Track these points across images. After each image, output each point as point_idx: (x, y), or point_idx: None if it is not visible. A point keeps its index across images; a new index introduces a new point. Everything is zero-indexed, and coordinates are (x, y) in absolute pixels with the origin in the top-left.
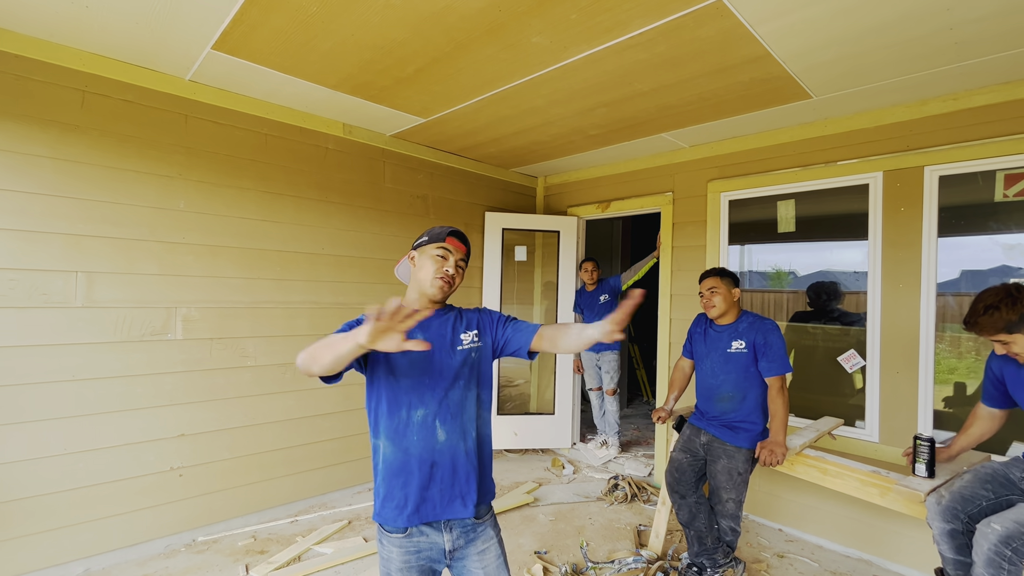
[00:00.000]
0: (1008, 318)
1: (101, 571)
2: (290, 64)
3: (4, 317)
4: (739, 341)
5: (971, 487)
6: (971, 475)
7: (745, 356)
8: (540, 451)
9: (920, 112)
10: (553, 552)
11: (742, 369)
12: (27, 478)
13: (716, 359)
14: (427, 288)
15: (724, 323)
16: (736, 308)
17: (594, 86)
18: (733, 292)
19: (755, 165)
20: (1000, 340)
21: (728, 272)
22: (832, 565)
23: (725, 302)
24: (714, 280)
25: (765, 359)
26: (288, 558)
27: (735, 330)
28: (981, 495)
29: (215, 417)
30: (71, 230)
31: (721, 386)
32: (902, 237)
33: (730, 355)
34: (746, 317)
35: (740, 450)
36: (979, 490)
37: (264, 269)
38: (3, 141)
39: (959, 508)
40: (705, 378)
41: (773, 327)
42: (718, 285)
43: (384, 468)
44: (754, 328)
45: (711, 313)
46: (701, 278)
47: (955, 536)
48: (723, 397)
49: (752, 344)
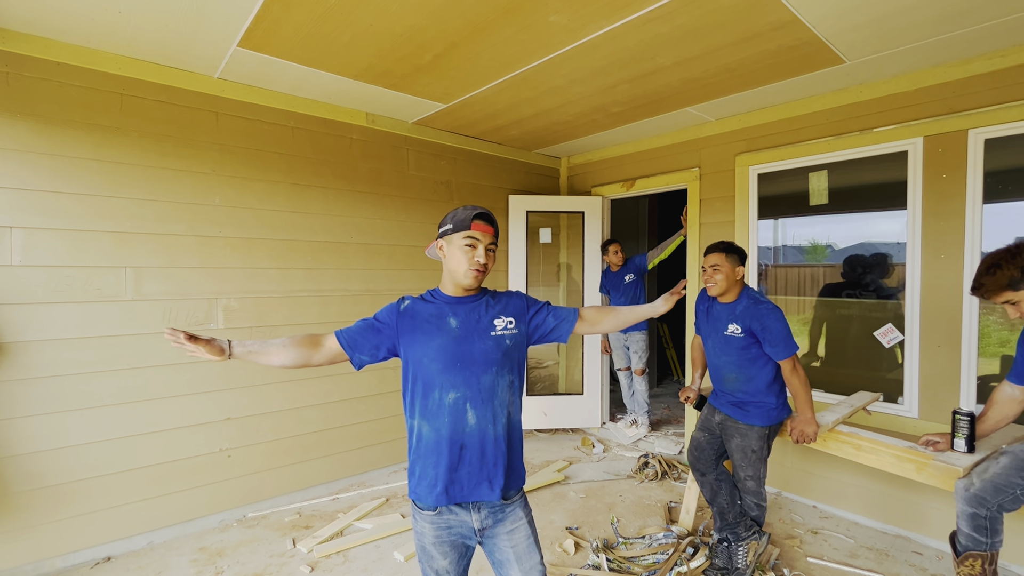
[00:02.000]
0: (1010, 274)
1: (163, 544)
2: (312, 57)
3: (64, 311)
4: (735, 325)
5: (1005, 475)
6: (1008, 460)
7: (742, 340)
8: (570, 431)
9: (964, 72)
10: (584, 528)
11: (741, 352)
12: (92, 459)
13: (717, 340)
14: (461, 279)
15: (725, 301)
16: (738, 286)
17: (615, 63)
18: (737, 270)
19: (785, 136)
20: (1009, 301)
21: (735, 248)
22: (868, 541)
23: (727, 280)
24: (718, 256)
25: (768, 345)
26: (331, 533)
27: (732, 312)
28: (1015, 484)
29: (257, 402)
30: (118, 228)
31: (724, 367)
32: (944, 205)
33: (728, 338)
34: (744, 298)
35: (752, 428)
36: (1014, 478)
37: (296, 259)
38: (53, 146)
39: (988, 498)
40: (711, 357)
41: (770, 310)
42: (721, 263)
43: (418, 447)
44: (749, 313)
45: (711, 291)
46: (705, 252)
47: (976, 519)
48: (728, 377)
49: (749, 330)
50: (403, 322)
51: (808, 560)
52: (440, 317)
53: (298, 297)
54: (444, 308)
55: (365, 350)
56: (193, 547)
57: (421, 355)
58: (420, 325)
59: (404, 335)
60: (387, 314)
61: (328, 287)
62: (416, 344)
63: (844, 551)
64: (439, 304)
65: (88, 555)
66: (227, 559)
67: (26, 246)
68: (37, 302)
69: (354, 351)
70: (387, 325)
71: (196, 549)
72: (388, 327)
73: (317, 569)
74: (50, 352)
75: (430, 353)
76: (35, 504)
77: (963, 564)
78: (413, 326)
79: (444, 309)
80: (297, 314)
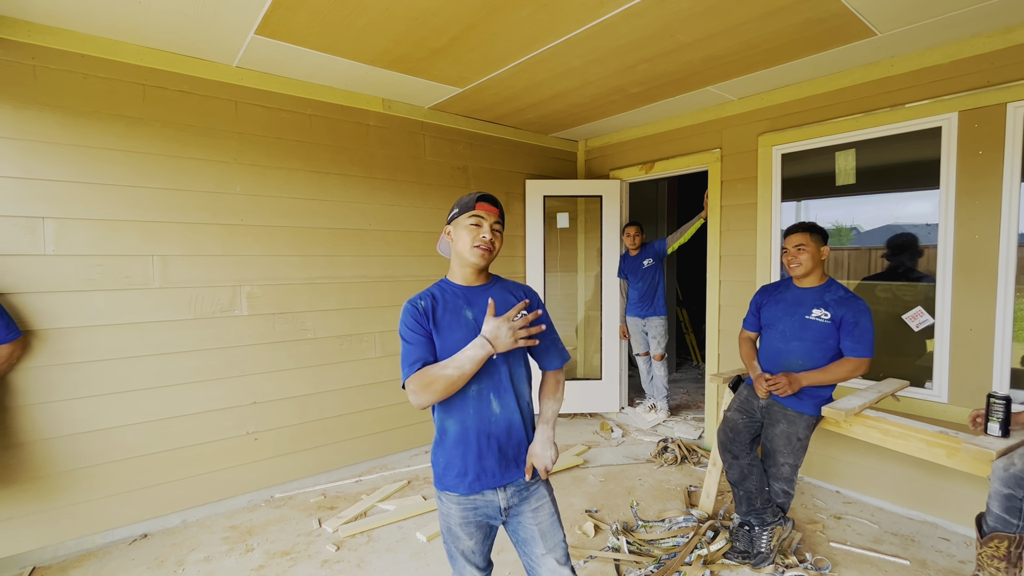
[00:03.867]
0: None
1: (196, 522)
2: (329, 43)
3: (96, 299)
4: (823, 311)
5: None
6: None
7: (826, 328)
8: (588, 415)
9: (1004, 42)
10: (604, 511)
11: (819, 339)
12: (127, 441)
13: (791, 323)
14: (468, 258)
15: (807, 285)
16: (821, 269)
17: (634, 42)
18: (822, 250)
19: (810, 115)
20: None
21: (818, 228)
22: (893, 527)
23: (812, 260)
24: (803, 236)
25: (851, 339)
26: (355, 513)
27: (820, 298)
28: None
29: (282, 386)
30: (144, 217)
31: (794, 352)
32: (979, 183)
33: (808, 322)
34: (835, 287)
35: (802, 416)
36: None
37: (316, 246)
38: (79, 137)
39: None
40: (773, 342)
41: (867, 309)
42: (807, 242)
43: (445, 439)
44: (845, 304)
45: (796, 272)
46: (786, 233)
47: (1011, 500)
48: (794, 363)
49: (839, 319)
50: (429, 320)
51: (831, 545)
52: (456, 309)
53: (319, 283)
54: (458, 299)
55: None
56: (224, 525)
57: (442, 349)
58: (440, 319)
59: (432, 330)
60: (414, 321)
61: (347, 274)
62: (439, 338)
63: (868, 536)
64: (451, 295)
65: (126, 532)
66: (257, 537)
67: (58, 236)
68: (70, 290)
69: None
70: (424, 328)
71: (227, 527)
72: (425, 329)
73: (343, 548)
74: (84, 338)
75: (449, 346)
76: (75, 484)
77: (987, 545)
78: (436, 321)
79: (458, 301)
80: (318, 301)
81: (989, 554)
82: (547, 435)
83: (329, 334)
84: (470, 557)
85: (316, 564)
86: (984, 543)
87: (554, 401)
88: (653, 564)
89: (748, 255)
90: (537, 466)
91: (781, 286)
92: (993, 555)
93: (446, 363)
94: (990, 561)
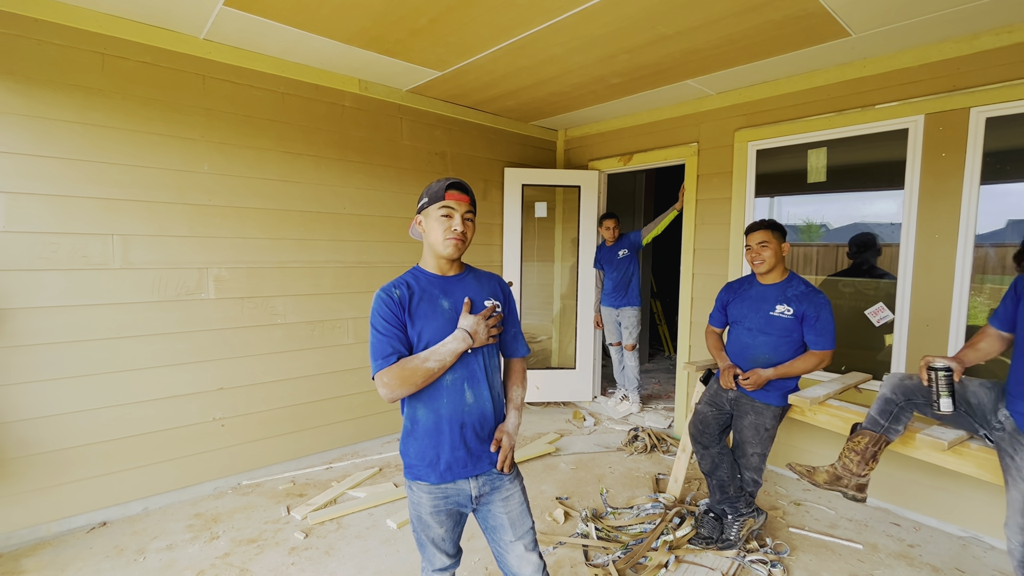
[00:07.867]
0: None
1: (158, 510)
2: (303, 19)
3: (51, 279)
4: (786, 306)
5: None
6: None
7: (790, 323)
8: (562, 404)
9: (970, 48)
10: (574, 498)
11: (784, 333)
12: (85, 427)
13: (756, 319)
14: (441, 250)
15: (769, 281)
16: (783, 265)
17: (615, 31)
18: (784, 246)
19: (785, 112)
20: None
21: (778, 225)
22: (848, 513)
23: (775, 256)
24: (765, 233)
25: (814, 332)
26: (325, 500)
27: (782, 293)
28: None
29: (250, 372)
30: (104, 194)
31: (760, 346)
32: (941, 185)
33: (772, 318)
34: (796, 282)
35: (769, 407)
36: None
37: (288, 229)
38: (32, 107)
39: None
40: (741, 337)
41: (826, 303)
42: (769, 239)
43: (416, 428)
44: (807, 300)
45: (759, 268)
46: (749, 230)
47: (888, 404)
48: (759, 358)
49: (802, 314)
50: (404, 310)
51: (790, 530)
52: (432, 299)
53: (290, 268)
54: (434, 289)
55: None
56: (188, 513)
57: (418, 340)
58: (415, 309)
59: (407, 320)
60: (389, 311)
61: (321, 259)
62: (414, 328)
63: (825, 522)
64: (426, 284)
65: (83, 520)
66: (222, 524)
67: (9, 211)
68: (22, 269)
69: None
70: (399, 319)
71: (192, 515)
72: (400, 320)
73: (311, 535)
74: (39, 320)
75: (426, 336)
76: (30, 470)
77: (851, 439)
78: (411, 311)
79: (434, 290)
80: (289, 285)
81: (850, 447)
82: (518, 419)
83: (300, 319)
84: (440, 545)
85: (284, 551)
86: (850, 437)
87: (522, 388)
88: (621, 550)
89: (721, 249)
90: (505, 444)
91: (745, 283)
92: (853, 448)
93: (426, 356)
94: (848, 453)
